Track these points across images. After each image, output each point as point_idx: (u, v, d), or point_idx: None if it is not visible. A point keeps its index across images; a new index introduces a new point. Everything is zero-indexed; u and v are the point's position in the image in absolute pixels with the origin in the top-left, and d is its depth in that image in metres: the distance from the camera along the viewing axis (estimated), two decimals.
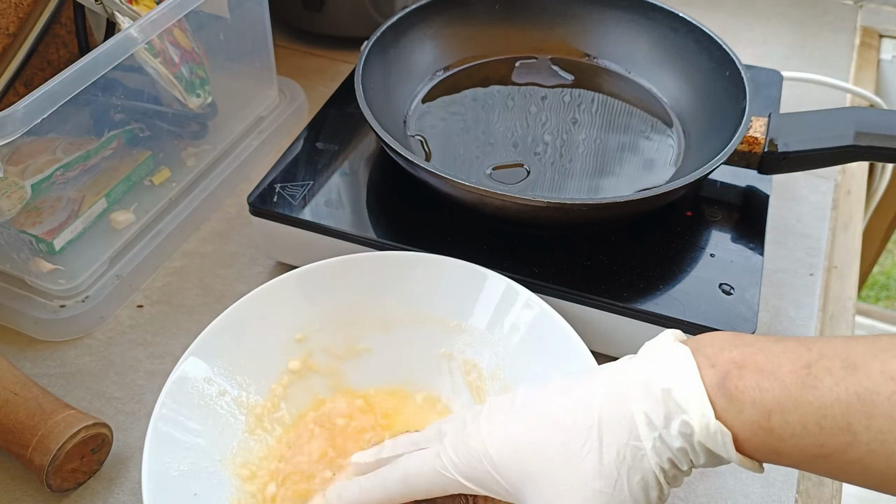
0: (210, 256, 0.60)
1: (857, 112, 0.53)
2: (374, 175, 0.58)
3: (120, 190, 0.58)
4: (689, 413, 0.30)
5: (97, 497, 0.46)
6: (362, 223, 0.54)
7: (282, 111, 0.71)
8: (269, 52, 0.67)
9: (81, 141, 0.55)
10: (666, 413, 0.30)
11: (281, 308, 0.47)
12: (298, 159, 0.58)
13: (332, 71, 0.79)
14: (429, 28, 0.65)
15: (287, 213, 0.54)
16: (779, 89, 0.67)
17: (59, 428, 0.44)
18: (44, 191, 0.53)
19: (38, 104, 0.45)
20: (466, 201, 0.52)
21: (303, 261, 0.50)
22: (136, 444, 0.48)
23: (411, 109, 0.63)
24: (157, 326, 0.55)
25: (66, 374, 0.52)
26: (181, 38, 0.58)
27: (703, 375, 0.30)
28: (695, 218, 0.55)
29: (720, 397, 0.30)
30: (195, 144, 0.64)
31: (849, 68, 0.82)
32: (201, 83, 0.60)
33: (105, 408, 0.50)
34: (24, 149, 0.53)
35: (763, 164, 0.55)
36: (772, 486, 0.47)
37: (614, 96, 0.65)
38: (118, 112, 0.57)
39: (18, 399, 0.45)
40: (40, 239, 0.53)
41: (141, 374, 0.52)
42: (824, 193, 0.66)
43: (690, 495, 0.46)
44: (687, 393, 0.30)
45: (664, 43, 0.65)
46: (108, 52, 0.49)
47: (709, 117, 0.60)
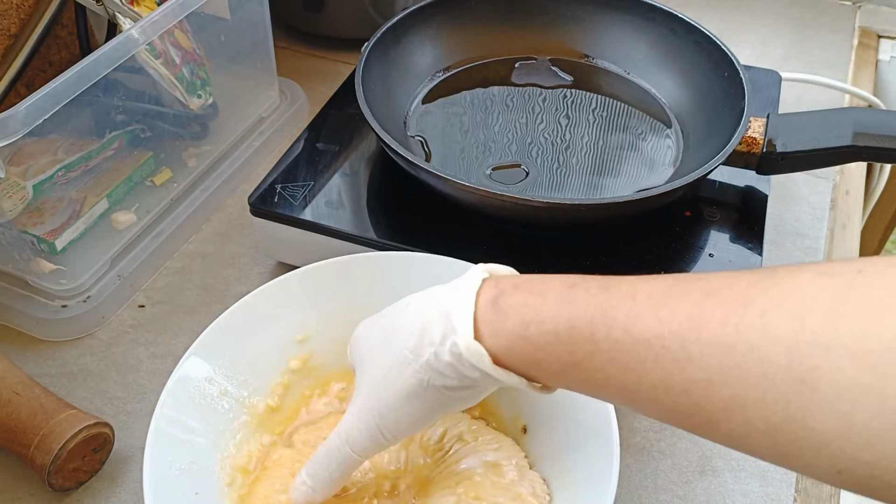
0: (211, 257, 0.60)
1: (856, 112, 0.54)
2: (375, 175, 0.58)
3: (121, 190, 0.58)
4: (458, 334, 0.33)
5: (99, 496, 0.46)
6: (362, 223, 0.54)
7: (282, 112, 0.71)
8: (270, 53, 0.68)
9: (83, 142, 0.56)
10: (443, 333, 0.34)
11: (282, 308, 0.47)
12: (299, 160, 0.58)
13: (332, 72, 0.79)
14: (429, 29, 0.66)
15: (288, 214, 0.54)
16: (777, 90, 0.67)
17: (60, 427, 0.44)
18: (45, 191, 0.54)
19: (39, 105, 0.45)
20: (466, 202, 0.52)
21: (303, 261, 0.50)
22: (138, 444, 0.48)
23: (411, 110, 0.63)
24: (158, 326, 0.55)
25: (68, 373, 0.52)
26: (182, 39, 0.58)
27: (481, 294, 0.34)
28: (694, 218, 0.55)
29: (490, 311, 0.33)
30: (196, 145, 0.64)
31: (847, 69, 0.83)
32: (202, 84, 0.60)
33: (106, 407, 0.50)
34: (26, 149, 0.53)
35: (762, 164, 0.55)
36: (770, 485, 0.47)
37: (613, 97, 0.65)
38: (119, 113, 0.57)
39: (20, 399, 0.45)
40: (42, 239, 0.54)
41: (142, 373, 0.52)
42: (823, 193, 0.66)
43: (690, 494, 0.47)
44: (461, 316, 0.33)
45: (663, 44, 0.65)
46: (110, 53, 0.49)
47: (707, 118, 0.60)
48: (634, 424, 0.50)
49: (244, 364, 0.46)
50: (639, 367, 0.29)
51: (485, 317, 0.33)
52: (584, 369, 0.31)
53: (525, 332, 0.32)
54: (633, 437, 0.49)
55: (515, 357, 0.33)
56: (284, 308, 0.48)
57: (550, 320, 0.31)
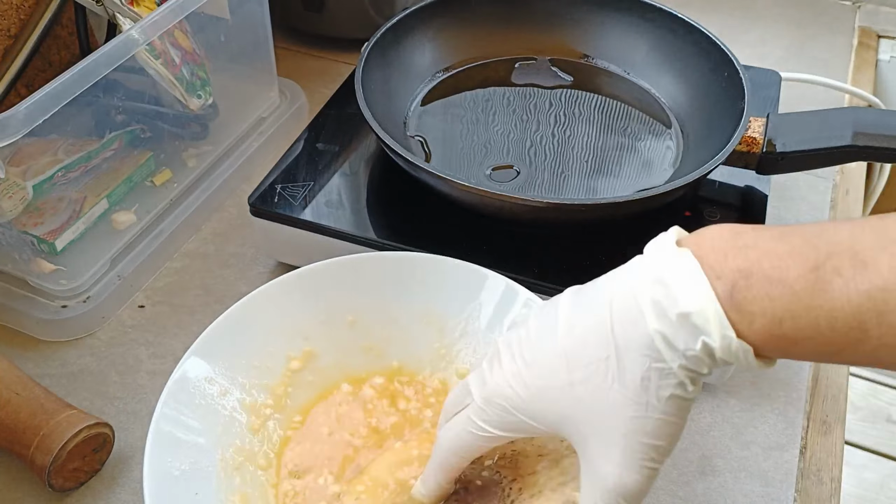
0: (211, 257, 0.60)
1: (856, 112, 0.54)
2: (375, 175, 0.58)
3: (121, 191, 0.58)
4: (711, 336, 0.30)
5: (99, 497, 0.46)
6: (362, 223, 0.54)
7: (282, 112, 0.71)
8: (270, 54, 0.68)
9: (83, 142, 0.56)
10: (685, 336, 0.30)
11: (282, 308, 0.47)
12: (299, 160, 0.58)
13: (332, 72, 0.79)
14: (429, 29, 0.66)
15: (288, 214, 0.54)
16: (777, 90, 0.67)
17: (60, 428, 0.44)
18: (45, 191, 0.54)
19: (39, 105, 0.45)
20: (466, 201, 0.52)
21: (303, 261, 0.50)
22: (138, 444, 0.48)
23: (411, 110, 0.63)
24: (158, 326, 0.55)
25: (68, 374, 0.52)
26: (182, 39, 0.58)
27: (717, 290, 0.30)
28: (694, 218, 0.55)
29: (731, 311, 0.29)
30: (196, 145, 0.64)
31: (847, 69, 0.83)
32: (202, 84, 0.60)
33: (107, 407, 0.50)
34: (26, 150, 0.53)
35: (761, 164, 0.55)
36: (771, 485, 0.47)
37: (613, 97, 0.65)
38: (119, 113, 0.57)
39: (20, 399, 0.45)
40: (42, 239, 0.54)
41: (142, 373, 0.52)
42: (823, 193, 0.66)
43: (690, 494, 0.47)
44: (705, 316, 0.30)
45: (663, 44, 0.65)
46: (110, 53, 0.49)
47: (707, 118, 0.60)
48: None
49: (244, 364, 0.46)
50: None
51: (728, 317, 0.30)
52: (848, 356, 0.29)
53: (779, 329, 0.29)
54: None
55: (766, 353, 0.30)
56: (284, 308, 0.48)
57: (806, 315, 0.28)
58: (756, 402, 0.51)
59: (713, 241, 0.31)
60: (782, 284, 0.29)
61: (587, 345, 0.32)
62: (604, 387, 0.32)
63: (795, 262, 0.29)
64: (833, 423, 0.52)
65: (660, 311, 0.31)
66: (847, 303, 0.28)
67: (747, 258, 0.30)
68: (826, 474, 0.49)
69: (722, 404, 0.51)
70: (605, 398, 0.32)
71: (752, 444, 0.49)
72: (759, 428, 0.50)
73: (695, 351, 0.30)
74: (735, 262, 0.30)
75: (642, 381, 0.31)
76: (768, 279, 0.29)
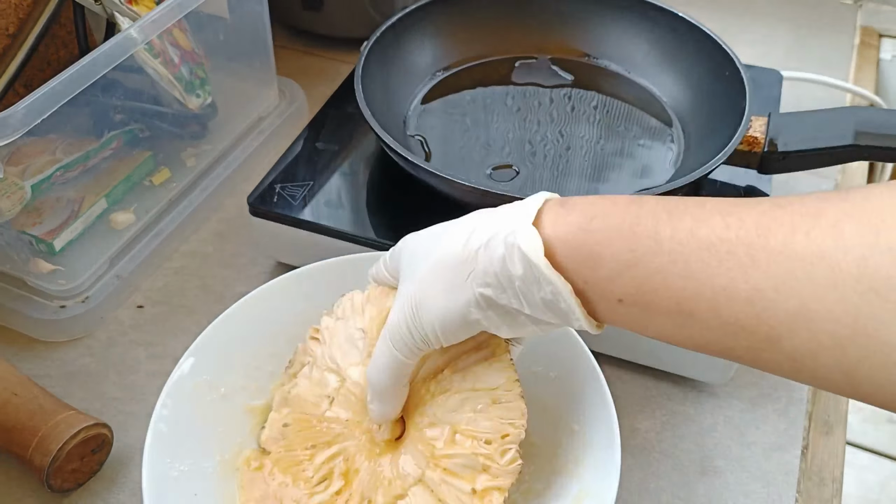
0: (210, 257, 0.60)
1: (857, 111, 0.54)
2: (374, 175, 0.58)
3: (120, 190, 0.58)
4: (518, 224, 0.32)
5: (98, 497, 0.46)
6: (362, 223, 0.54)
7: (282, 111, 0.71)
8: (269, 53, 0.67)
9: (81, 141, 0.55)
10: (499, 226, 0.33)
11: (281, 308, 0.47)
12: (298, 159, 0.58)
13: (331, 71, 0.79)
14: (428, 28, 0.65)
15: (287, 214, 0.54)
16: (778, 89, 0.67)
17: (59, 428, 0.44)
18: (44, 191, 0.53)
19: (38, 105, 0.45)
20: (466, 201, 0.52)
21: (303, 261, 0.50)
22: (137, 445, 0.48)
23: (411, 109, 0.63)
24: (157, 327, 0.55)
25: (67, 374, 0.52)
26: (181, 38, 0.58)
27: (548, 202, 0.33)
28: None
29: (556, 206, 0.32)
30: (195, 145, 0.64)
31: (848, 68, 0.82)
32: (201, 83, 0.60)
33: (105, 408, 0.50)
34: (24, 149, 0.53)
35: (763, 163, 0.55)
36: (772, 486, 0.47)
37: (614, 96, 0.65)
38: (118, 112, 0.57)
39: (19, 400, 0.45)
40: (40, 239, 0.54)
41: (141, 374, 0.52)
42: None
43: (691, 495, 0.46)
44: (523, 210, 0.33)
45: (664, 43, 0.65)
46: (108, 52, 0.49)
47: (708, 117, 0.60)
48: (636, 426, 0.50)
49: (243, 365, 0.46)
50: (701, 272, 0.28)
51: (549, 211, 0.32)
52: (643, 270, 0.29)
53: (588, 224, 0.31)
54: (635, 437, 0.49)
55: (571, 251, 0.31)
56: (284, 309, 0.47)
57: (616, 215, 0.30)
58: (757, 403, 0.51)
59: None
60: (609, 200, 0.32)
61: (448, 223, 0.36)
62: (432, 244, 0.36)
63: (629, 196, 0.32)
64: (835, 424, 0.51)
65: (495, 211, 0.35)
66: (650, 214, 0.30)
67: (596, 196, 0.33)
68: (828, 475, 0.48)
69: (723, 404, 0.51)
70: (427, 253, 0.36)
71: (754, 444, 0.49)
72: (761, 428, 0.50)
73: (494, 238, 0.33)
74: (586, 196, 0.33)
75: (446, 248, 0.34)
76: (601, 197, 0.32)
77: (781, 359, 0.27)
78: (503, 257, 0.32)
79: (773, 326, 0.27)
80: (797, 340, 0.26)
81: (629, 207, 0.31)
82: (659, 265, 0.29)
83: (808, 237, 0.26)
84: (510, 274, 0.32)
